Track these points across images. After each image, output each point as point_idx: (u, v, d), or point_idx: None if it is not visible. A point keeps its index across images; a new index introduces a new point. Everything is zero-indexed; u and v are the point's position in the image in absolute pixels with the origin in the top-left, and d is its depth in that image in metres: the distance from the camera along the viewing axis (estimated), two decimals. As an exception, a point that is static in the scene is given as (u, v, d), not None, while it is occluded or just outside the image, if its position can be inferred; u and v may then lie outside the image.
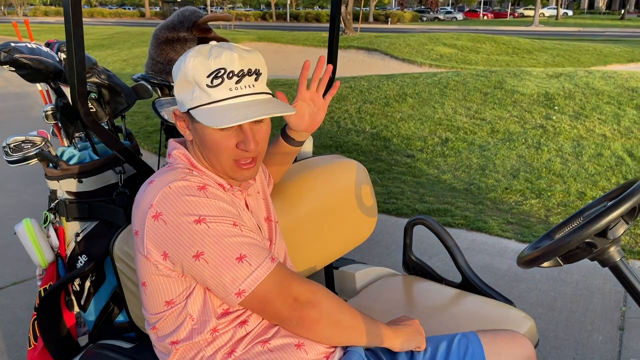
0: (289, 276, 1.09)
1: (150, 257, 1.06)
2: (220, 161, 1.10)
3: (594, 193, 4.19)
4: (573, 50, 17.50)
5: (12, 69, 1.48)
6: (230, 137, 1.08)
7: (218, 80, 1.04)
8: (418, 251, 1.92)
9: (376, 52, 16.75)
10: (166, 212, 1.02)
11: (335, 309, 1.12)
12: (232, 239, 1.03)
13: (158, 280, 1.08)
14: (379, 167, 5.08)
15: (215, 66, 1.04)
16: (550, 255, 1.10)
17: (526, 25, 37.65)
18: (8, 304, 2.83)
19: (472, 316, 1.57)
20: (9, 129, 7.18)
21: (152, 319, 1.14)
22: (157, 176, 1.10)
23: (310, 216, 1.64)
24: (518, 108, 6.43)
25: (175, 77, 1.10)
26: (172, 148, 1.18)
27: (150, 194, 1.06)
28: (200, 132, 1.09)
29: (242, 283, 1.03)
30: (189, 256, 1.03)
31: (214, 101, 1.05)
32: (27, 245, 1.51)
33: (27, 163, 1.54)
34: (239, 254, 1.03)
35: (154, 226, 1.04)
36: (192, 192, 1.04)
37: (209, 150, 1.10)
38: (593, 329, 2.46)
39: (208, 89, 1.05)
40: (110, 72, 1.65)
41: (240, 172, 1.12)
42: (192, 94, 1.06)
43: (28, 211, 4.16)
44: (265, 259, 1.06)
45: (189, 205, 1.03)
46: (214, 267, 1.03)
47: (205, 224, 1.02)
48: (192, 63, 1.05)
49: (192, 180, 1.06)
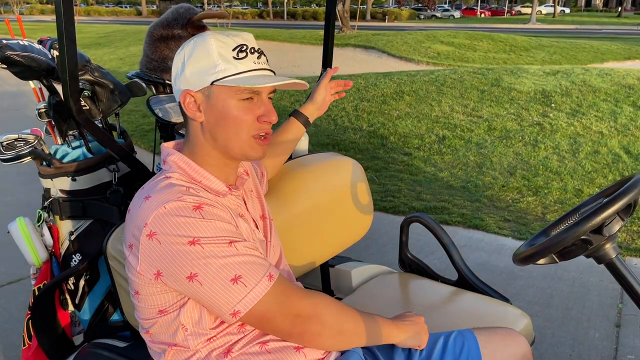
0: (288, 292, 1.07)
1: (142, 273, 1.05)
2: (239, 136, 1.10)
3: (590, 190, 4.19)
4: (570, 47, 17.52)
5: (4, 67, 1.46)
6: (253, 109, 1.10)
7: (243, 53, 1.09)
8: (414, 249, 1.92)
9: (373, 50, 16.73)
10: (160, 232, 1.01)
11: (337, 319, 1.10)
12: (226, 260, 1.01)
13: (150, 290, 1.07)
14: (376, 165, 5.07)
15: (238, 42, 1.09)
16: (546, 252, 1.10)
17: (523, 23, 37.67)
18: (3, 303, 2.82)
19: (469, 314, 1.56)
20: (4, 127, 7.15)
21: (145, 324, 1.13)
22: (154, 191, 1.06)
23: (306, 214, 1.64)
24: (515, 105, 6.43)
25: (188, 57, 1.10)
26: (166, 154, 1.15)
27: (146, 211, 1.03)
28: (220, 107, 1.09)
29: (237, 304, 1.02)
30: (182, 277, 1.01)
31: (241, 72, 1.08)
32: (21, 244, 1.50)
33: (21, 161, 1.53)
34: (234, 275, 1.01)
35: (148, 245, 1.02)
36: (187, 213, 1.02)
37: (229, 126, 1.10)
38: (589, 326, 2.46)
39: (235, 60, 1.08)
40: (103, 69, 1.64)
41: (256, 149, 1.13)
42: (216, 67, 1.07)
43: (22, 210, 4.15)
44: (262, 277, 1.03)
45: (184, 226, 1.01)
46: (208, 288, 1.01)
47: (199, 245, 1.00)
48: (214, 40, 1.09)
49: (188, 201, 1.03)
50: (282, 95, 8.03)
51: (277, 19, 52.68)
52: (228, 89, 1.08)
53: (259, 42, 1.18)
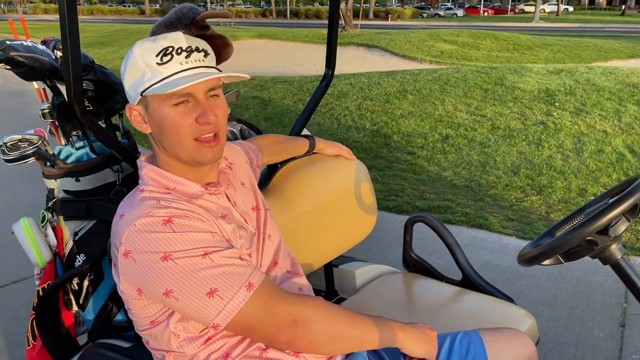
0: (271, 300, 1.02)
1: (125, 291, 1.05)
2: (182, 142, 1.07)
3: (594, 189, 4.18)
4: (574, 46, 17.45)
5: (7, 67, 1.46)
6: (188, 113, 1.06)
7: (167, 57, 1.04)
8: (418, 248, 1.91)
9: (376, 48, 16.70)
10: (134, 250, 1.00)
11: (329, 325, 1.05)
12: (201, 273, 0.98)
13: (138, 304, 1.07)
14: (379, 164, 5.07)
15: (163, 45, 1.05)
16: (551, 253, 1.09)
17: (526, 22, 37.56)
18: (8, 302, 2.82)
19: (473, 314, 1.56)
20: (8, 128, 7.17)
21: (142, 333, 1.14)
22: (127, 208, 1.06)
23: (310, 214, 1.63)
24: (519, 104, 6.41)
25: (124, 72, 1.09)
26: (140, 168, 1.16)
27: (120, 230, 1.03)
28: (156, 117, 1.07)
29: (215, 318, 1.00)
30: (159, 294, 1.00)
31: (166, 76, 1.04)
32: (25, 244, 1.50)
33: (25, 162, 1.53)
34: (209, 289, 0.98)
35: (125, 264, 1.02)
36: (157, 229, 1.00)
37: (169, 134, 1.07)
38: (594, 325, 2.45)
39: (158, 67, 1.04)
40: (107, 69, 1.64)
41: (204, 152, 1.08)
42: (143, 77, 1.05)
43: (26, 210, 4.15)
44: (240, 288, 1.00)
45: (155, 242, 0.99)
46: (185, 304, 1.00)
47: (172, 261, 0.98)
48: (139, 49, 1.06)
49: (157, 215, 1.01)
50: (285, 94, 8.03)
51: (280, 17, 52.67)
52: (158, 97, 1.05)
53: (262, 42, 1.17)
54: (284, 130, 6.33)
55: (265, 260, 1.22)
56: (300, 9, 54.56)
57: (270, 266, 1.24)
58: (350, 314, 1.10)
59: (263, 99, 7.85)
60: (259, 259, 1.21)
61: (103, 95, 1.61)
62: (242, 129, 1.83)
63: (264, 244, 1.24)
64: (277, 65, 14.05)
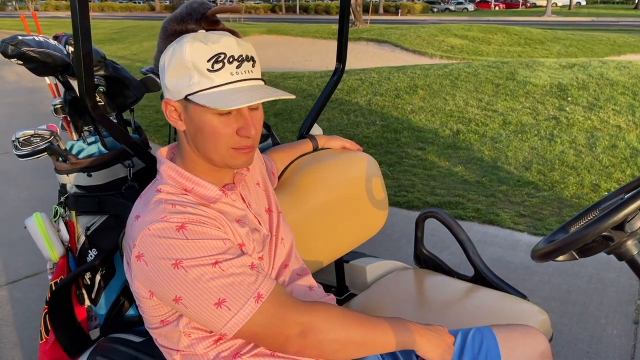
0: (280, 310, 1.02)
1: (138, 292, 1.06)
2: (218, 150, 1.06)
3: (608, 185, 4.13)
4: (586, 40, 17.25)
5: (20, 63, 1.47)
6: (230, 124, 1.04)
7: (219, 64, 1.02)
8: (429, 244, 1.90)
9: (386, 43, 16.62)
10: (146, 254, 1.01)
11: (340, 331, 1.04)
12: (210, 283, 0.99)
13: (149, 304, 1.07)
14: (390, 159, 5.05)
15: (215, 51, 1.02)
16: (565, 249, 1.08)
17: (538, 15, 37.20)
18: (21, 297, 2.85)
19: (485, 310, 1.55)
20: (20, 124, 7.23)
21: (151, 331, 1.14)
22: (143, 209, 1.06)
23: (321, 209, 1.63)
24: (530, 99, 6.35)
25: (167, 65, 1.06)
26: (159, 163, 1.15)
27: (135, 232, 1.03)
28: (197, 120, 1.05)
29: (223, 328, 1.00)
30: (169, 299, 1.01)
31: (216, 85, 1.02)
32: (38, 239, 1.50)
33: (37, 157, 1.54)
34: (218, 299, 0.99)
35: (138, 266, 1.03)
36: (170, 234, 1.00)
37: (206, 139, 1.06)
38: (607, 322, 2.43)
39: (209, 73, 1.01)
40: (118, 65, 1.64)
41: (239, 158, 1.08)
42: (191, 79, 1.03)
43: (39, 205, 4.19)
44: (248, 300, 1.00)
45: (167, 248, 0.99)
46: (193, 311, 1.00)
47: (182, 269, 0.98)
48: (190, 48, 1.02)
49: (172, 221, 1.01)
50: (295, 90, 8.02)
51: (290, 13, 52.60)
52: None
53: (271, 37, 1.16)
54: (294, 126, 6.32)
55: (277, 263, 1.23)
56: (309, 4, 54.46)
57: (280, 269, 1.24)
58: (364, 319, 1.09)
59: (273, 95, 7.83)
60: (271, 262, 1.21)
61: (114, 91, 1.61)
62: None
63: (277, 247, 1.24)
64: (286, 61, 14.04)
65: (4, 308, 2.75)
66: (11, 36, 1.46)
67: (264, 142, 1.79)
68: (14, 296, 2.86)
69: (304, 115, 6.72)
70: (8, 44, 1.43)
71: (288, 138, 5.82)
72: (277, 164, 1.58)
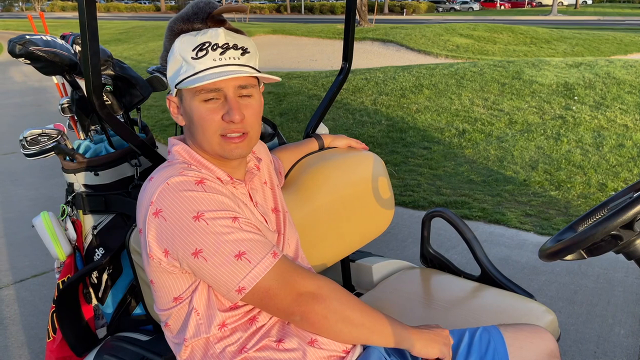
0: (292, 271, 1.05)
1: (152, 255, 1.05)
2: (207, 137, 1.09)
3: (615, 184, 4.11)
4: (593, 39, 17.17)
5: (27, 62, 1.48)
6: (216, 110, 1.07)
7: (202, 52, 1.06)
8: (435, 244, 1.90)
9: (392, 43, 16.59)
10: (165, 209, 1.01)
11: (343, 305, 1.06)
12: (230, 236, 1.01)
13: (164, 277, 1.07)
14: (395, 159, 5.04)
15: (200, 40, 1.07)
16: (574, 248, 1.07)
17: (544, 15, 37.05)
18: (28, 296, 2.86)
19: (492, 310, 1.54)
20: (28, 123, 7.27)
21: (163, 316, 1.14)
22: (157, 172, 1.09)
23: (327, 209, 1.62)
24: (537, 99, 6.33)
25: (168, 62, 1.12)
26: (171, 145, 1.18)
27: (150, 190, 1.05)
28: (188, 110, 1.10)
29: (242, 280, 1.01)
30: (188, 253, 1.01)
31: (198, 71, 1.06)
32: (45, 238, 1.51)
33: (44, 156, 1.55)
34: (238, 251, 1.01)
35: (155, 223, 1.03)
36: (190, 187, 1.02)
37: (197, 128, 1.09)
38: (614, 322, 2.41)
39: (193, 61, 1.06)
40: (125, 64, 1.64)
41: (228, 147, 1.09)
42: (180, 70, 1.08)
43: (46, 204, 4.21)
44: (267, 254, 1.03)
45: (188, 201, 1.01)
46: (213, 265, 1.01)
47: (204, 221, 1.00)
48: (180, 41, 1.09)
49: (190, 175, 1.05)
50: (300, 89, 8.02)
51: (295, 13, 52.62)
52: (189, 91, 1.08)
53: (277, 37, 1.16)
54: (300, 126, 6.32)
55: None
56: (314, 4, 54.46)
57: None
58: (364, 304, 1.11)
59: (278, 95, 7.85)
60: None
61: (121, 90, 1.62)
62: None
63: (283, 247, 1.24)
64: (291, 61, 14.04)
65: (11, 307, 2.77)
66: (19, 35, 1.47)
67: (270, 141, 1.79)
68: (20, 295, 2.88)
69: (310, 114, 6.72)
70: (16, 43, 1.44)
71: (294, 137, 5.82)
72: (284, 163, 1.59)
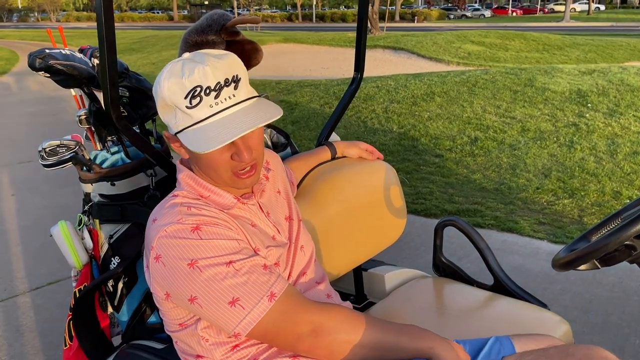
0: (292, 310, 1.04)
1: (156, 293, 1.09)
2: (220, 175, 1.10)
3: (629, 192, 4.07)
4: (606, 45, 17.04)
5: (47, 75, 1.51)
6: (223, 152, 1.07)
7: (196, 99, 1.01)
8: (448, 252, 1.90)
9: (403, 51, 16.61)
10: (164, 255, 1.04)
11: (351, 335, 1.05)
12: (224, 282, 1.01)
13: (168, 306, 1.10)
14: (407, 167, 5.04)
15: (190, 85, 1.01)
16: (587, 258, 1.07)
17: (556, 21, 36.87)
18: (44, 303, 2.90)
19: (505, 319, 1.53)
20: (43, 132, 7.37)
21: (172, 335, 1.17)
22: (159, 213, 1.10)
23: (339, 217, 1.63)
24: (549, 106, 6.29)
25: (156, 100, 1.08)
26: (178, 171, 1.19)
27: (152, 234, 1.08)
28: (192, 153, 1.10)
29: (237, 327, 1.02)
30: (185, 299, 1.04)
31: (197, 122, 1.03)
32: (63, 247, 1.54)
33: (62, 167, 1.58)
34: (232, 298, 1.01)
35: (156, 267, 1.06)
36: (185, 235, 1.03)
37: (204, 166, 1.10)
38: (630, 332, 2.39)
39: (188, 110, 1.02)
40: (141, 76, 1.67)
41: (241, 182, 1.11)
42: (175, 117, 1.05)
43: (61, 212, 4.27)
44: (262, 298, 1.02)
45: (182, 249, 1.03)
46: (208, 311, 1.02)
47: (197, 269, 1.01)
48: (167, 86, 1.03)
49: (186, 222, 1.05)
50: (312, 98, 8.05)
51: (306, 21, 52.88)
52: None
53: (288, 46, 1.16)
54: (311, 134, 6.34)
55: (295, 271, 1.24)
56: (325, 12, 54.67)
57: (298, 276, 1.25)
58: (377, 322, 1.09)
59: (290, 103, 7.89)
60: (289, 269, 1.22)
61: (137, 101, 1.64)
62: (270, 134, 1.85)
63: (295, 255, 1.25)
64: (303, 69, 14.10)
65: (27, 314, 2.80)
66: (39, 49, 1.50)
67: (283, 150, 1.81)
68: (36, 303, 2.91)
69: (321, 123, 6.74)
70: (36, 57, 1.47)
71: (306, 146, 5.84)
72: (296, 172, 1.60)
